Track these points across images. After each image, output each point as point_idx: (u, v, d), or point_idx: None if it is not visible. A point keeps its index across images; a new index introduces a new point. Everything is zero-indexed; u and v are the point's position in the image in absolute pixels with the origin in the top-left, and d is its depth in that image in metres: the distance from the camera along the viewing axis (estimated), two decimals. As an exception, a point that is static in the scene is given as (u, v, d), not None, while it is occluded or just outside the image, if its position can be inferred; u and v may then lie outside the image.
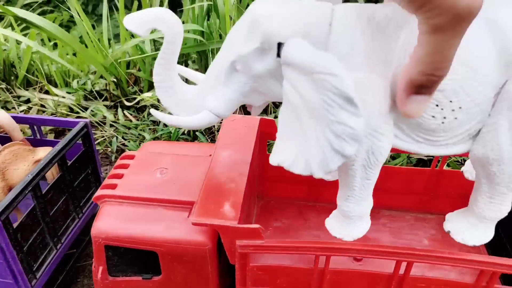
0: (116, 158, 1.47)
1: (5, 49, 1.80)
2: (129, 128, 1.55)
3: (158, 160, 0.92)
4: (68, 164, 0.98)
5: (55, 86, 1.77)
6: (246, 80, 0.65)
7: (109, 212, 0.81)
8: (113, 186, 0.85)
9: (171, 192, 0.83)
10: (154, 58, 1.72)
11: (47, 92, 1.74)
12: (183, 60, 1.77)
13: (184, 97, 0.71)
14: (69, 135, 0.97)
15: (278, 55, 0.60)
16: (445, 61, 0.45)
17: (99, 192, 0.84)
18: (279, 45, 0.59)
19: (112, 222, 0.79)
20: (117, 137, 1.51)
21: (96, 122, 1.57)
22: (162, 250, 0.77)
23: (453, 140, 0.62)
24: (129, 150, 1.48)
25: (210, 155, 0.87)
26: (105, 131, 1.54)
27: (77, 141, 1.02)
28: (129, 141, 1.50)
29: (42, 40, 2.14)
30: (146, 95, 1.60)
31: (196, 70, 1.72)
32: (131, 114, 1.62)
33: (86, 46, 1.66)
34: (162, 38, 0.71)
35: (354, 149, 0.54)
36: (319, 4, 0.61)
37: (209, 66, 0.70)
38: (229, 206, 0.73)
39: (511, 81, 0.56)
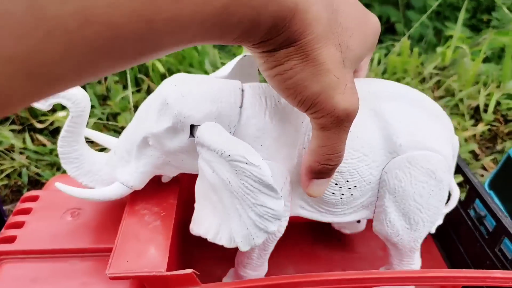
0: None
1: None
2: (43, 155, 1.36)
3: (68, 199, 0.76)
4: (-44, 214, 0.80)
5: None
6: (158, 155, 0.65)
7: (7, 273, 0.66)
8: (12, 239, 0.69)
9: (87, 239, 0.69)
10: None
11: None
12: (102, 72, 1.60)
13: (93, 167, 0.68)
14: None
15: (192, 134, 0.61)
16: (335, 153, 0.51)
17: (-7, 248, 0.68)
18: (192, 126, 0.61)
19: (12, 285, 0.64)
20: (27, 167, 1.31)
21: (2, 151, 1.36)
22: (79, 313, 0.63)
23: (350, 211, 0.70)
24: (45, 180, 1.29)
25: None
26: (14, 160, 1.34)
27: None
28: (43, 170, 1.31)
29: None
30: (60, 114, 1.42)
31: (116, 82, 1.57)
32: (44, 138, 1.43)
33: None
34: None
35: (276, 226, 0.58)
36: (229, 84, 0.64)
37: (121, 135, 0.68)
38: (155, 250, 0.61)
39: (385, 170, 0.66)
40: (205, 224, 0.63)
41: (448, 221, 0.90)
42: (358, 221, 0.90)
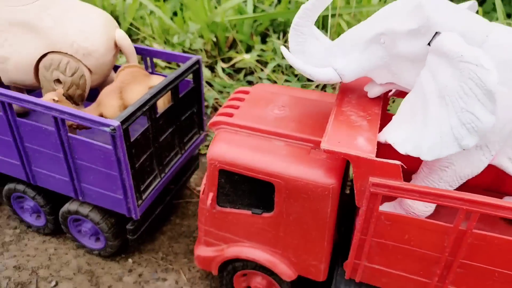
0: (212, 113, 1.46)
1: (112, 3, 1.87)
2: (225, 87, 1.53)
3: (274, 98, 0.86)
4: (180, 96, 0.95)
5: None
6: (383, 55, 0.67)
7: (225, 138, 0.77)
8: (230, 115, 0.81)
9: (291, 128, 0.77)
10: (255, 21, 1.68)
11: (146, 48, 1.76)
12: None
13: (312, 48, 0.72)
14: (182, 68, 0.95)
15: (429, 43, 0.62)
16: None
17: (216, 118, 0.80)
18: (436, 34, 0.61)
19: (229, 148, 0.75)
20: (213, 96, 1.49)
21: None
22: (281, 183, 0.71)
23: None
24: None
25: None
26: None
27: (187, 78, 0.99)
28: (224, 100, 1.47)
29: None
30: (246, 56, 1.57)
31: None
32: (226, 76, 1.60)
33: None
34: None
35: (473, 142, 0.56)
36: (481, 19, 0.64)
37: (348, 31, 0.71)
38: (364, 140, 0.66)
39: None
40: (396, 130, 0.64)
41: None
42: None
